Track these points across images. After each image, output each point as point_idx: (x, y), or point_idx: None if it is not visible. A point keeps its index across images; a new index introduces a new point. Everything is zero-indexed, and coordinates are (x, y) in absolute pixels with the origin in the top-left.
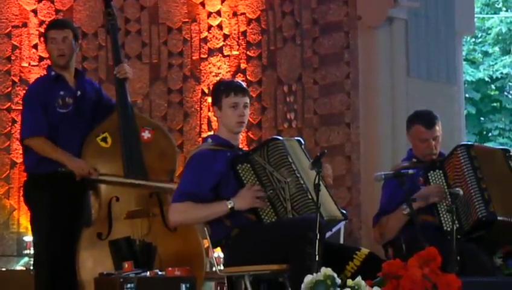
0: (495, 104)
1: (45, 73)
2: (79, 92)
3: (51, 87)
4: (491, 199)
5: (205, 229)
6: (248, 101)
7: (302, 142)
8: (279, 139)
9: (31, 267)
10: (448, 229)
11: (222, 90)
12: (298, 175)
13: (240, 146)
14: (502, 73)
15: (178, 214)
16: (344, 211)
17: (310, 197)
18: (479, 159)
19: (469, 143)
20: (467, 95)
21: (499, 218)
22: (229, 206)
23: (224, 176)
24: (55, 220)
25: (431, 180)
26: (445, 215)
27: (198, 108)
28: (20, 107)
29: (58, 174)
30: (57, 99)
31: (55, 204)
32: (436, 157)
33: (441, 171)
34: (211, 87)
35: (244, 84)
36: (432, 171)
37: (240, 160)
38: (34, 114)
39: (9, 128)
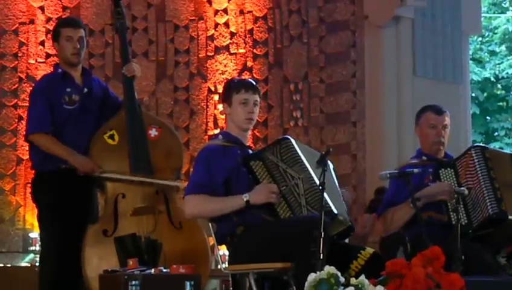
0: (501, 103)
1: (52, 70)
2: (86, 90)
3: (58, 85)
4: (503, 198)
5: (210, 225)
6: (258, 99)
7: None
8: (289, 138)
9: (37, 264)
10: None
11: (233, 86)
12: (311, 172)
13: (248, 144)
14: (507, 73)
15: (193, 207)
16: (351, 223)
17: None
18: (492, 161)
19: (483, 145)
20: (473, 95)
21: (510, 217)
22: (245, 200)
23: (234, 172)
24: (62, 217)
25: (442, 178)
26: (453, 213)
27: (205, 106)
28: (27, 104)
29: (65, 171)
30: (63, 96)
31: (62, 201)
32: (443, 148)
33: (452, 170)
34: (217, 85)
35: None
36: (443, 169)
37: (253, 157)
38: (39, 111)
39: (16, 124)
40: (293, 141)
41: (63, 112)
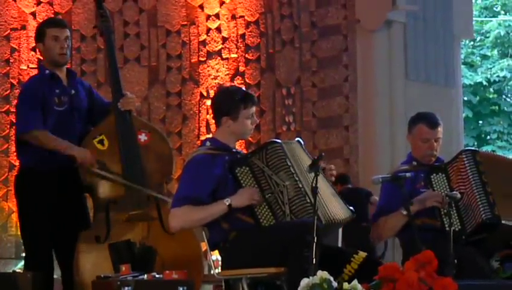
0: (493, 107)
1: (37, 72)
2: (73, 91)
3: (47, 86)
4: (495, 203)
5: (203, 232)
6: None
7: (302, 142)
8: (277, 142)
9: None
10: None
11: (240, 100)
12: (297, 179)
13: (238, 149)
14: (498, 76)
15: (178, 219)
16: (351, 208)
17: (308, 200)
18: (484, 165)
19: (474, 149)
20: (465, 98)
21: (503, 221)
22: (227, 204)
23: (222, 181)
24: (47, 219)
25: (434, 184)
26: (446, 218)
27: (197, 111)
28: None
29: (55, 171)
30: (53, 98)
31: (48, 202)
32: (434, 159)
33: (443, 175)
34: (209, 90)
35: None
36: (434, 174)
37: (239, 163)
38: (33, 109)
39: (8, 130)
40: (280, 144)
41: (53, 113)
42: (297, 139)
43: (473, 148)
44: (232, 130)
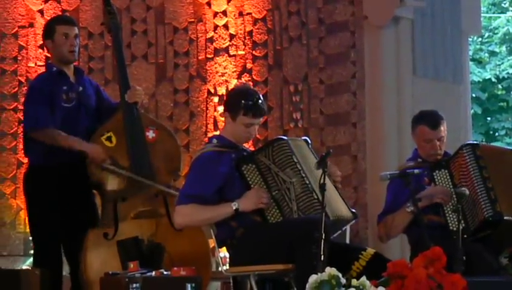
0: (502, 103)
1: (45, 70)
2: (80, 88)
3: (55, 83)
4: (497, 199)
5: (211, 229)
6: (261, 120)
7: (309, 141)
8: (284, 139)
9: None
10: (454, 229)
11: (243, 105)
12: (303, 175)
13: (245, 146)
14: (508, 73)
15: (183, 217)
16: (354, 210)
17: (315, 197)
18: (485, 159)
19: (475, 142)
20: (473, 95)
21: (505, 217)
22: (234, 208)
23: (229, 178)
24: (58, 215)
25: (436, 180)
26: (451, 215)
27: (205, 108)
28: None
29: (64, 168)
30: (61, 95)
31: (60, 198)
32: (440, 157)
33: (446, 171)
34: (217, 87)
35: (263, 102)
36: (437, 171)
37: (245, 160)
38: (42, 107)
39: (16, 128)
40: (287, 141)
41: (61, 110)
42: (304, 138)
43: (473, 141)
44: (229, 127)
